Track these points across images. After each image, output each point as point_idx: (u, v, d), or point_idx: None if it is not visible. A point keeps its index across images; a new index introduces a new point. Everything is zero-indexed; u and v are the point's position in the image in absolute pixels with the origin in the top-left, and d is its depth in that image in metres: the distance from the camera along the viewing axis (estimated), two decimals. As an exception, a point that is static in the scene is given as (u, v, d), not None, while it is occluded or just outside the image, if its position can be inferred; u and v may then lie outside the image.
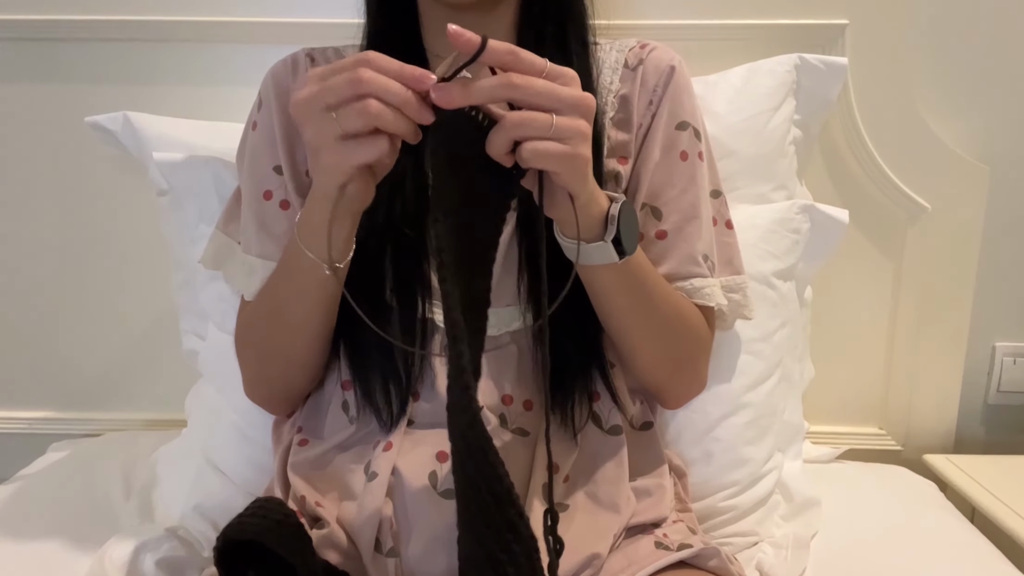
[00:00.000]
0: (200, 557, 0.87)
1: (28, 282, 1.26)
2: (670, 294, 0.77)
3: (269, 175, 0.82)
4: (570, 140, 0.56)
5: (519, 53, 0.54)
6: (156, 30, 1.15)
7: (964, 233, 1.16)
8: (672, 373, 0.83)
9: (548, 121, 0.55)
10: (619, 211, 0.65)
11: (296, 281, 0.72)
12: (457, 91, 0.53)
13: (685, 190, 0.80)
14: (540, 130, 0.55)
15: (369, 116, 0.53)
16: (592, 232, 0.65)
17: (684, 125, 0.80)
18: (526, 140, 0.55)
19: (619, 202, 0.65)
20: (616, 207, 0.65)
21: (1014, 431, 1.26)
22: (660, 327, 0.77)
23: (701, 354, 0.84)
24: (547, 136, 0.55)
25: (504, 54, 0.53)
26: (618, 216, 0.65)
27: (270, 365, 0.81)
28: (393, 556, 0.69)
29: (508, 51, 0.54)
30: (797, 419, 1.05)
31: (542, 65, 0.55)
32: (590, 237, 0.65)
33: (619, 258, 0.66)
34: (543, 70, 0.55)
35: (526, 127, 0.55)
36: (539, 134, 0.55)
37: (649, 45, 0.83)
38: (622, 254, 0.66)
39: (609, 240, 0.65)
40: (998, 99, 1.16)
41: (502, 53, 0.53)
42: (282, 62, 0.85)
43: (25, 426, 1.30)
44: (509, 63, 0.54)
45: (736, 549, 0.89)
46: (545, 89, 0.55)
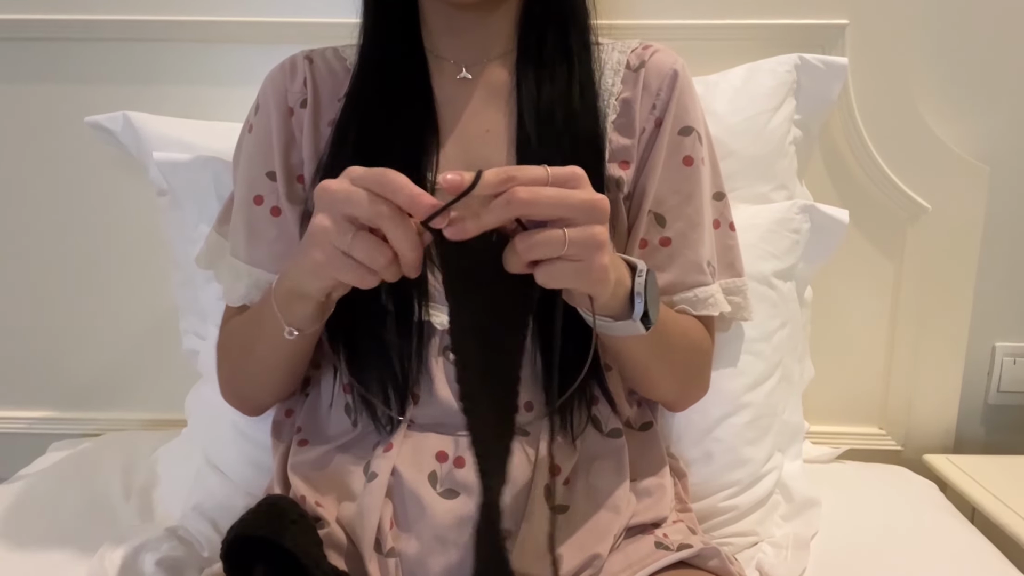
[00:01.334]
0: (200, 557, 0.87)
1: (28, 282, 1.26)
2: (684, 329, 0.78)
3: (261, 180, 0.82)
4: (585, 254, 0.55)
5: (516, 174, 0.53)
6: (156, 30, 1.15)
7: (964, 233, 1.16)
8: (684, 389, 0.84)
9: (561, 239, 0.53)
10: (644, 286, 0.64)
11: (267, 330, 0.72)
12: (470, 225, 0.53)
13: (690, 196, 0.79)
14: (553, 250, 0.54)
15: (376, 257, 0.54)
16: (616, 310, 0.65)
17: (688, 130, 0.80)
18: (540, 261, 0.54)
19: (643, 275, 0.64)
20: (641, 282, 0.64)
21: (1014, 431, 1.26)
22: (676, 363, 0.78)
23: (706, 366, 0.85)
24: (561, 255, 0.54)
25: (501, 183, 0.52)
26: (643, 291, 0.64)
27: (240, 384, 0.84)
28: (393, 556, 0.68)
29: (505, 178, 0.52)
30: (797, 419, 1.05)
31: (543, 176, 0.54)
32: (614, 314, 0.65)
33: (645, 331, 0.66)
34: (546, 179, 0.54)
35: (538, 249, 0.54)
36: (553, 254, 0.54)
37: (651, 47, 0.83)
38: (648, 326, 0.65)
39: (637, 319, 0.64)
40: (998, 99, 1.16)
41: (498, 183, 0.52)
42: (279, 66, 0.85)
43: (25, 426, 1.30)
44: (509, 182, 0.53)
45: (736, 549, 0.89)
46: (555, 198, 0.53)
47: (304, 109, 0.81)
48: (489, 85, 0.80)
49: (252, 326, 0.77)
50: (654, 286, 0.66)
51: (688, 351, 0.79)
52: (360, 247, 0.54)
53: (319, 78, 0.83)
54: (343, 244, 0.55)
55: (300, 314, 0.67)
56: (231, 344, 0.82)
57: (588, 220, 0.54)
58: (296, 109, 0.82)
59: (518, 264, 0.55)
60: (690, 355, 0.80)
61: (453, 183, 0.52)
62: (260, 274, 0.81)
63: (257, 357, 0.78)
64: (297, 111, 0.82)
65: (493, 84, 0.80)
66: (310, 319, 0.68)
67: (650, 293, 0.64)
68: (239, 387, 0.84)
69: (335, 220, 0.55)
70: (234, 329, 0.82)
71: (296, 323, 0.68)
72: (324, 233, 0.55)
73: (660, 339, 0.71)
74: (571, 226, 0.54)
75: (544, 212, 0.54)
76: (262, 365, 0.78)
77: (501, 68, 0.80)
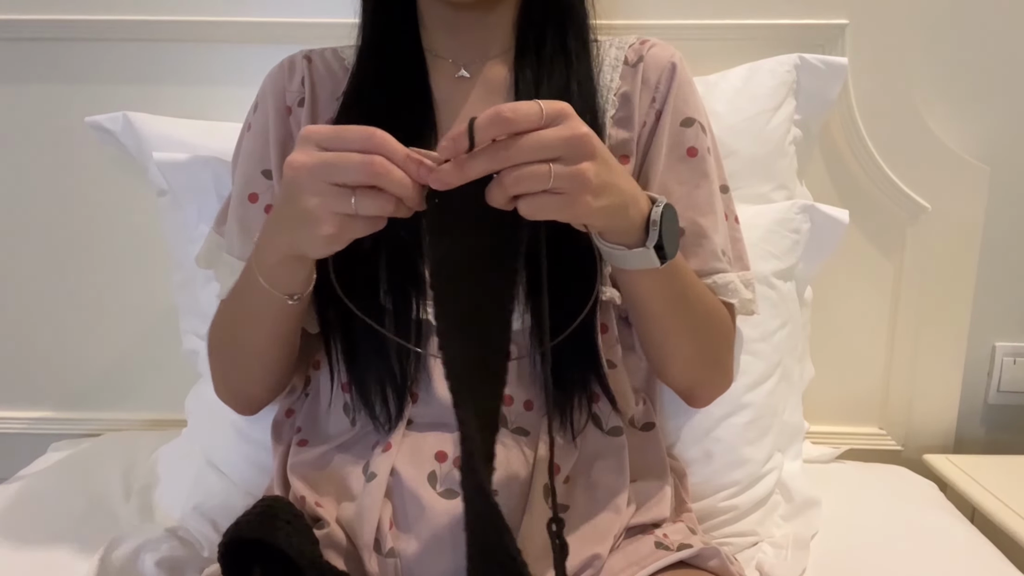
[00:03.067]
0: (200, 557, 0.87)
1: (28, 282, 1.26)
2: (704, 292, 0.76)
3: (257, 178, 0.82)
4: (570, 187, 0.55)
5: (508, 114, 0.53)
6: (156, 30, 1.15)
7: (964, 233, 1.16)
8: (706, 372, 0.82)
9: (546, 173, 0.53)
10: (660, 215, 0.63)
11: (252, 309, 0.72)
12: (453, 173, 0.53)
13: (698, 185, 0.79)
14: (538, 184, 0.54)
15: (384, 206, 0.54)
16: (631, 237, 0.64)
17: (689, 121, 0.80)
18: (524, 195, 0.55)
19: (660, 205, 0.64)
20: (658, 211, 0.63)
21: (1014, 431, 1.26)
22: (696, 328, 0.76)
23: (730, 349, 0.83)
24: (546, 188, 0.54)
25: (494, 125, 0.53)
26: (660, 220, 0.63)
27: (231, 376, 0.82)
28: (392, 556, 0.68)
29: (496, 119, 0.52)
30: (797, 419, 1.05)
31: (537, 114, 0.54)
32: (629, 242, 0.64)
33: (660, 263, 0.65)
34: (539, 119, 0.54)
35: (523, 183, 0.54)
36: (537, 188, 0.54)
37: (648, 41, 0.83)
38: (664, 259, 0.65)
39: (651, 246, 0.64)
40: (998, 99, 1.16)
41: (491, 125, 0.53)
42: (279, 66, 0.85)
43: (25, 426, 1.30)
44: (503, 128, 0.53)
45: (736, 549, 0.89)
46: (537, 145, 0.53)
47: (302, 108, 0.82)
48: (487, 84, 0.80)
49: (237, 314, 0.76)
50: (673, 222, 0.66)
51: (710, 318, 0.77)
52: (366, 205, 0.54)
53: (317, 77, 0.83)
54: (347, 209, 0.54)
55: (296, 278, 0.67)
56: (219, 336, 0.81)
57: (575, 156, 0.55)
58: (294, 108, 0.82)
59: (502, 197, 0.55)
60: (713, 324, 0.78)
61: (451, 148, 0.52)
62: None
63: (245, 347, 0.76)
64: (295, 110, 0.82)
65: (491, 83, 0.80)
66: (305, 280, 0.68)
67: (667, 227, 0.64)
68: (230, 380, 0.83)
69: (325, 192, 0.54)
70: (220, 321, 0.81)
71: (291, 288, 0.68)
72: (322, 208, 0.55)
73: (681, 291, 0.71)
74: (558, 162, 0.54)
75: (528, 157, 0.53)
76: (251, 348, 0.77)
77: (499, 67, 0.80)
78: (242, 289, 0.73)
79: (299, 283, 0.68)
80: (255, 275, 0.67)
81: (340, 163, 0.54)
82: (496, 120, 0.52)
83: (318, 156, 0.54)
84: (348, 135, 0.54)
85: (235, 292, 0.76)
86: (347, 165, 0.53)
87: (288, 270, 0.66)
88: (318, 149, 0.55)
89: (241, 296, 0.74)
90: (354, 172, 0.53)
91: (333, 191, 0.54)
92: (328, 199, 0.54)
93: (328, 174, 0.54)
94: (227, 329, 0.79)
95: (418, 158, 0.54)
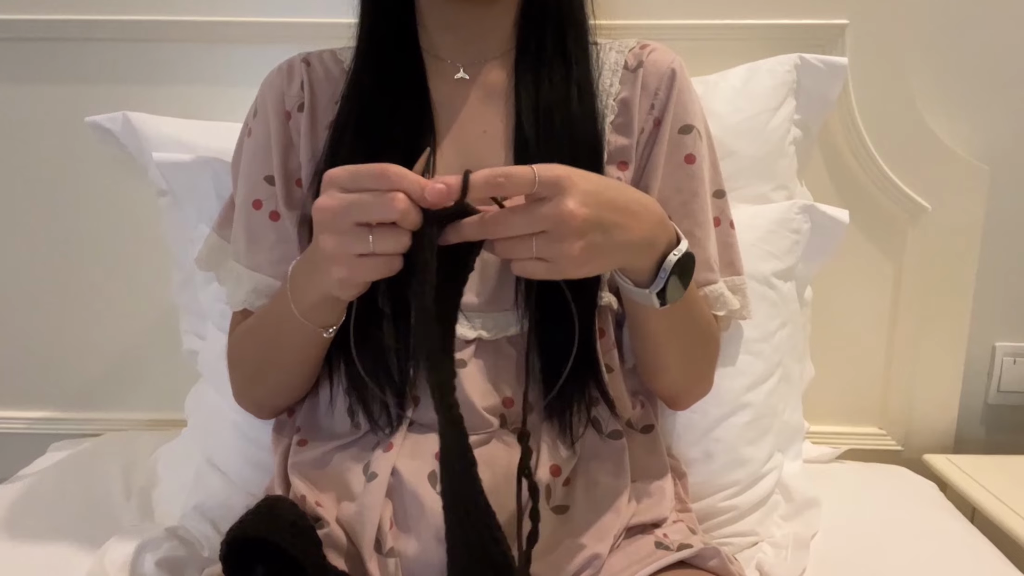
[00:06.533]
0: (200, 557, 0.87)
1: (28, 282, 1.26)
2: (701, 313, 0.78)
3: (260, 184, 0.82)
4: (555, 259, 0.57)
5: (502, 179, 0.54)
6: (156, 30, 1.15)
7: (964, 233, 1.16)
8: (691, 384, 0.85)
9: (529, 246, 0.56)
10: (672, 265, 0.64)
11: (288, 338, 0.74)
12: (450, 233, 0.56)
13: (695, 194, 0.79)
14: (523, 252, 0.56)
15: (402, 243, 0.55)
16: (638, 276, 0.66)
17: (688, 128, 0.80)
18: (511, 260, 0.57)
19: (678, 253, 0.64)
20: (671, 260, 0.64)
21: (1014, 431, 1.26)
22: (689, 347, 0.78)
23: (714, 361, 0.85)
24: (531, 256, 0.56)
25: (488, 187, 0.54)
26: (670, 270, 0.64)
27: (258, 388, 0.83)
28: (393, 556, 0.68)
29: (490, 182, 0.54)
30: (797, 419, 1.05)
31: (530, 183, 0.55)
32: (636, 279, 0.66)
33: (660, 305, 0.66)
34: (533, 183, 0.55)
35: (509, 250, 0.57)
36: (523, 256, 0.57)
37: (649, 46, 0.83)
38: (664, 303, 0.66)
39: (653, 292, 0.65)
40: (998, 99, 1.16)
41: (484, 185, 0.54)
42: (277, 69, 0.85)
43: (25, 426, 1.30)
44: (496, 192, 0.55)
45: (736, 549, 0.89)
46: (525, 222, 0.55)
47: (302, 113, 0.81)
48: (487, 86, 0.80)
49: (272, 337, 0.77)
50: (688, 269, 0.66)
51: (704, 335, 0.79)
52: (383, 243, 0.55)
53: (316, 81, 0.83)
54: (364, 248, 0.55)
55: (332, 314, 0.70)
56: (244, 354, 0.82)
57: (561, 233, 0.56)
58: (294, 113, 0.82)
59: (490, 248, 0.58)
60: (706, 341, 0.80)
61: (444, 193, 0.54)
62: (260, 279, 0.81)
63: (278, 364, 0.78)
64: (295, 115, 0.82)
65: (491, 85, 0.80)
66: (339, 314, 0.71)
67: (680, 275, 0.65)
68: (257, 394, 0.84)
69: (345, 232, 0.55)
70: (246, 340, 0.82)
71: (326, 322, 0.71)
72: (339, 248, 0.56)
73: (678, 315, 0.72)
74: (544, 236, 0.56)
75: (514, 232, 0.56)
76: (280, 369, 0.78)
77: (499, 69, 0.80)
78: (276, 317, 0.75)
79: (335, 317, 0.71)
80: (290, 308, 0.69)
81: (363, 203, 0.54)
82: (490, 182, 0.54)
83: (342, 198, 0.55)
84: (364, 173, 0.55)
85: (267, 319, 0.78)
86: (371, 204, 0.54)
87: (325, 308, 0.69)
88: (341, 191, 0.56)
89: (276, 325, 0.75)
90: (379, 209, 0.54)
91: (353, 231, 0.55)
92: (346, 239, 0.55)
93: (354, 214, 0.55)
94: (255, 349, 0.80)
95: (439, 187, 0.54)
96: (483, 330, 0.76)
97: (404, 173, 0.54)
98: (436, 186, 0.54)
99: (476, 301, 0.76)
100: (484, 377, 0.75)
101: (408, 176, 0.54)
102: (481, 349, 0.76)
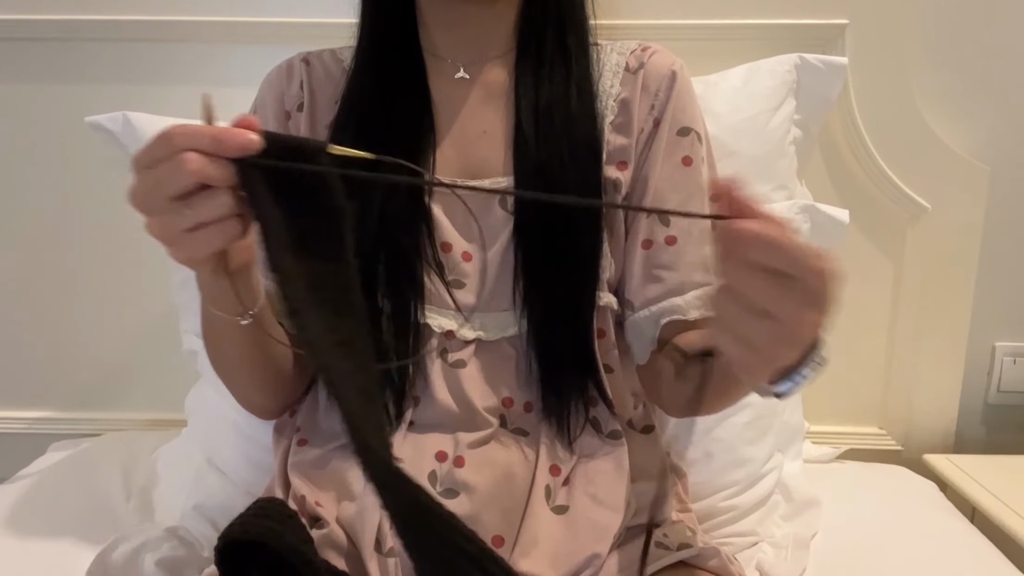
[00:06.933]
0: (200, 557, 0.87)
1: (28, 282, 1.26)
2: None
3: None
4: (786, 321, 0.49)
5: None
6: (156, 30, 1.15)
7: (964, 233, 1.16)
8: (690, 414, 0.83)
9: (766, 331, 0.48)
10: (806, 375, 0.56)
11: (217, 332, 0.70)
12: None
13: (692, 194, 0.79)
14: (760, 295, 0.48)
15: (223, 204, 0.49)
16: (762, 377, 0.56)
17: (686, 131, 0.80)
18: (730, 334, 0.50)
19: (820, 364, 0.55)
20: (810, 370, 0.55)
21: (1014, 431, 1.26)
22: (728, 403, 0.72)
23: None
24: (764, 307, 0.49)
25: None
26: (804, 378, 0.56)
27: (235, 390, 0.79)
28: (393, 556, 0.68)
29: None
30: (797, 419, 1.05)
31: None
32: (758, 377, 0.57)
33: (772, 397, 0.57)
34: None
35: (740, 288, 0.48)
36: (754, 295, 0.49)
37: (650, 48, 0.83)
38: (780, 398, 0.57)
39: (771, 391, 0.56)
40: (998, 99, 1.16)
41: None
42: (276, 69, 0.85)
43: (25, 426, 1.30)
44: None
45: (736, 549, 0.89)
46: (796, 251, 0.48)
47: (301, 112, 0.81)
48: (487, 86, 0.80)
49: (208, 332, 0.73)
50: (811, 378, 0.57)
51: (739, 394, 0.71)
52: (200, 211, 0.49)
53: (316, 81, 0.83)
54: (188, 223, 0.49)
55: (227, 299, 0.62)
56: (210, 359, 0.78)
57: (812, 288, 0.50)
58: (293, 113, 0.82)
59: None
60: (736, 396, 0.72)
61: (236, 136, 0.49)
62: None
63: (228, 360, 0.75)
64: (294, 115, 0.82)
65: (491, 85, 0.80)
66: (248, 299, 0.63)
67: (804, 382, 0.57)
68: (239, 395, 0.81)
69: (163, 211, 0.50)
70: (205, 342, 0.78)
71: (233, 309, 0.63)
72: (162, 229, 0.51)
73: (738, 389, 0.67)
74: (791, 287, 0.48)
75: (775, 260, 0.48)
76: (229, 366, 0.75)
77: (499, 69, 0.80)
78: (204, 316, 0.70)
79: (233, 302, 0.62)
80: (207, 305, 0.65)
81: (161, 176, 0.49)
82: None
83: (143, 177, 0.50)
84: (151, 145, 0.49)
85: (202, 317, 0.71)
86: (163, 175, 0.48)
87: (216, 292, 0.62)
88: (143, 170, 0.50)
89: (207, 323, 0.71)
90: (172, 179, 0.48)
91: (170, 207, 0.49)
92: (166, 218, 0.50)
93: (157, 190, 0.49)
94: (209, 352, 0.76)
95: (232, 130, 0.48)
96: (482, 330, 0.76)
97: (188, 130, 0.48)
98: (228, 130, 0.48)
99: (475, 301, 0.76)
100: (483, 377, 0.75)
101: (193, 132, 0.48)
102: (480, 349, 0.76)
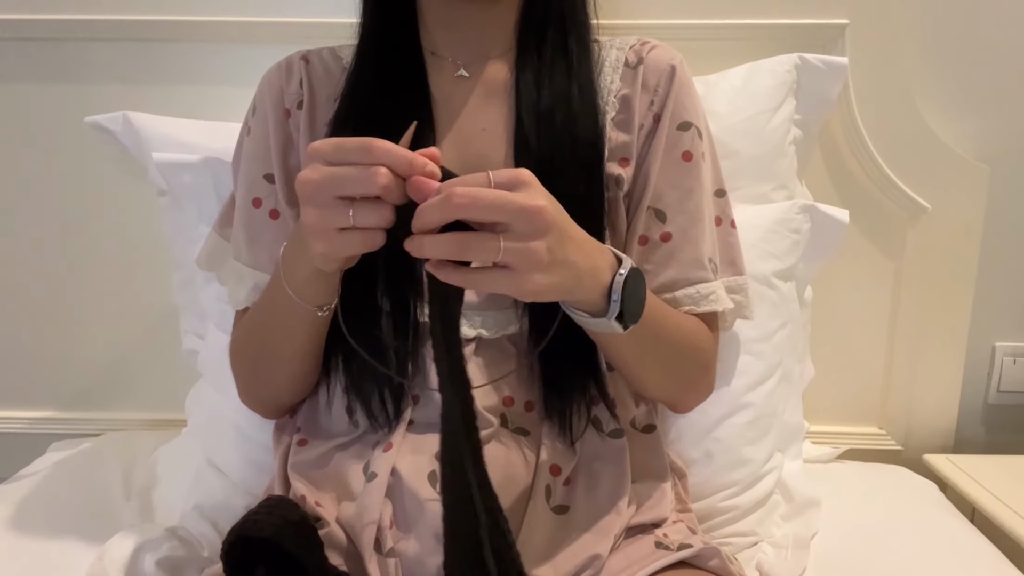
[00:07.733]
0: (200, 557, 0.87)
1: (28, 282, 1.26)
2: (678, 325, 0.76)
3: (259, 183, 0.82)
4: (519, 265, 0.54)
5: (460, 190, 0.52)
6: (156, 30, 1.15)
7: (964, 233, 1.16)
8: (679, 392, 0.84)
9: (495, 246, 0.53)
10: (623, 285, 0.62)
11: (283, 320, 0.73)
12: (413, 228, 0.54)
13: (691, 191, 0.79)
14: (487, 256, 0.53)
15: (384, 217, 0.53)
16: (591, 306, 0.63)
17: (686, 125, 0.80)
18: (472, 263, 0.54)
19: (622, 275, 0.62)
20: (619, 282, 0.62)
21: (1014, 431, 1.26)
22: (667, 360, 0.77)
23: (707, 366, 0.84)
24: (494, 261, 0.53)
25: None
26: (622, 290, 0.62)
27: (259, 385, 0.82)
28: (393, 556, 0.68)
29: None
30: (797, 419, 1.05)
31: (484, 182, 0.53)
32: (590, 310, 0.63)
33: (622, 330, 0.64)
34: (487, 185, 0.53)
35: (469, 252, 0.53)
36: (486, 260, 0.53)
37: (649, 43, 0.83)
38: (626, 327, 0.64)
39: (611, 318, 0.63)
40: (998, 99, 1.16)
41: None
42: (276, 66, 0.85)
43: (25, 426, 1.30)
44: None
45: (736, 549, 0.89)
46: (493, 201, 0.52)
47: (301, 110, 0.81)
48: (487, 84, 0.80)
49: (267, 323, 0.76)
50: (639, 285, 0.64)
51: (682, 349, 0.77)
52: (363, 217, 0.53)
53: (315, 79, 0.83)
54: (343, 222, 0.54)
55: (323, 290, 0.68)
56: (245, 348, 0.82)
57: (528, 229, 0.54)
58: (293, 111, 0.82)
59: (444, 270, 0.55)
60: (685, 353, 0.78)
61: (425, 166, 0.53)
62: (262, 277, 0.81)
63: (275, 353, 0.77)
64: (294, 112, 0.82)
65: (491, 83, 0.80)
66: (332, 292, 0.70)
67: (632, 293, 0.63)
68: (258, 389, 0.83)
69: (327, 206, 0.54)
70: (244, 333, 0.81)
71: (319, 300, 0.69)
72: (320, 221, 0.55)
73: (649, 337, 0.71)
74: (510, 234, 0.53)
75: (482, 215, 0.53)
76: (283, 360, 0.77)
77: (499, 67, 0.80)
78: (270, 302, 0.74)
79: (326, 295, 0.69)
80: (284, 289, 0.68)
81: (345, 176, 0.53)
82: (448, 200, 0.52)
83: (325, 171, 0.54)
84: (348, 146, 0.54)
85: (262, 304, 0.77)
86: (353, 177, 0.53)
87: (315, 284, 0.67)
88: (325, 164, 0.54)
89: (271, 308, 0.75)
90: (360, 183, 0.53)
91: (335, 204, 0.54)
92: (327, 212, 0.54)
93: (336, 188, 0.53)
94: (254, 340, 0.79)
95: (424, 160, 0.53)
96: (483, 328, 0.76)
97: (389, 147, 0.53)
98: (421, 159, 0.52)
99: (476, 300, 0.76)
100: (484, 375, 0.75)
101: (393, 150, 0.53)
102: (481, 347, 0.76)
